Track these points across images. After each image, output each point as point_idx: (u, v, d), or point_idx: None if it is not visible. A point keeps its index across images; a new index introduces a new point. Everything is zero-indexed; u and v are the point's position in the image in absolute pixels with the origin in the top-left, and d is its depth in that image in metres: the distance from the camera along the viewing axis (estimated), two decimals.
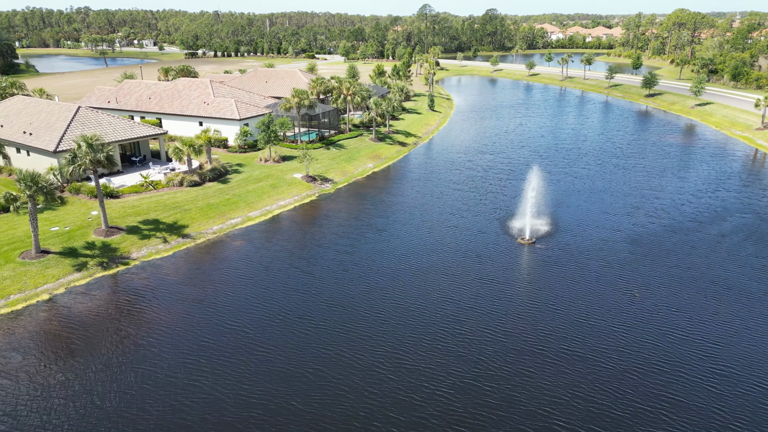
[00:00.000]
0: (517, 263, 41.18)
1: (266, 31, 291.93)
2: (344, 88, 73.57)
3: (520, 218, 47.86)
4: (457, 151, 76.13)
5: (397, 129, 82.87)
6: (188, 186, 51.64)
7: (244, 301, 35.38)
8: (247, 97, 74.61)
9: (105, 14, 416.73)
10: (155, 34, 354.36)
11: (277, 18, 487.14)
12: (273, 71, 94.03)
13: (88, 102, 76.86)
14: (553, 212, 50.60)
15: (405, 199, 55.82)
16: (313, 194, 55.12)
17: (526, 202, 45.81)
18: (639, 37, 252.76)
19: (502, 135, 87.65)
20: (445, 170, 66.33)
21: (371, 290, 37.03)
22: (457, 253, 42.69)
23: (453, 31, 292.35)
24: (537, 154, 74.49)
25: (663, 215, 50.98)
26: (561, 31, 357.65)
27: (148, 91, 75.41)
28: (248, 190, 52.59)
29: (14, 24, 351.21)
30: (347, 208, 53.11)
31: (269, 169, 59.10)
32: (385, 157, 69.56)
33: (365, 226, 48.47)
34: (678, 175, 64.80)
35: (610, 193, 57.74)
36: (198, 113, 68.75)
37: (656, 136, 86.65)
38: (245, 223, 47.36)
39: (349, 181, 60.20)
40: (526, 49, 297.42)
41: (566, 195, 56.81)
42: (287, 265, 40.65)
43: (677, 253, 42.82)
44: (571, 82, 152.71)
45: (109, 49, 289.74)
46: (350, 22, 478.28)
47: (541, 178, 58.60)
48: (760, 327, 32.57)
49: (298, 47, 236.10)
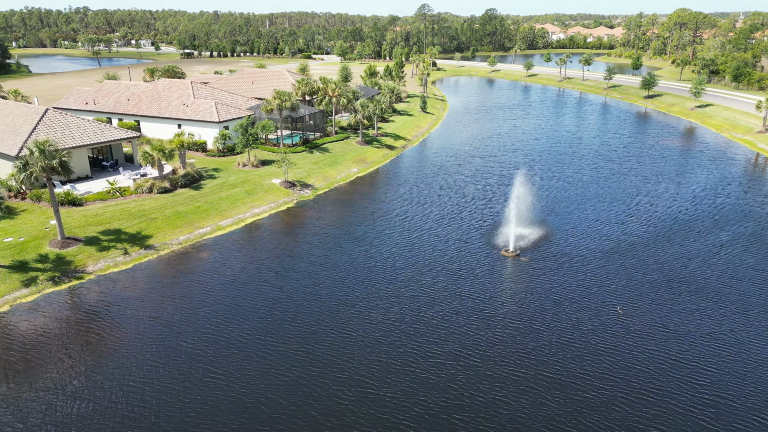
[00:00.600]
0: (498, 278, 38.60)
1: (264, 30, 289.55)
2: (330, 90, 71.07)
3: (505, 227, 45.27)
4: (447, 155, 73.54)
5: (386, 132, 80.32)
6: (158, 193, 49.17)
7: (203, 318, 32.87)
8: (229, 99, 72.17)
9: (104, 14, 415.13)
10: (153, 34, 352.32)
11: (277, 18, 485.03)
12: (260, 72, 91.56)
13: (66, 104, 74.51)
14: (541, 220, 48.00)
15: (388, 205, 53.29)
16: (290, 201, 52.62)
17: (510, 210, 43.19)
18: (640, 38, 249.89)
19: (494, 137, 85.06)
20: (433, 175, 63.78)
21: (341, 307, 34.50)
22: (436, 266, 40.15)
23: (452, 31, 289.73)
24: (529, 158, 71.89)
25: (658, 224, 48.35)
26: (562, 31, 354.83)
27: (127, 92, 73.01)
28: (221, 197, 50.11)
29: (12, 24, 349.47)
30: (325, 215, 50.60)
31: (246, 175, 56.60)
32: (371, 161, 67.03)
33: (343, 235, 45.97)
34: (675, 180, 62.15)
35: (604, 199, 55.12)
36: (177, 115, 66.33)
37: (654, 139, 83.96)
38: (215, 232, 44.86)
39: (330, 187, 57.68)
40: (526, 49, 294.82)
41: (557, 202, 54.20)
42: (255, 278, 38.15)
43: (671, 265, 40.21)
44: (569, 82, 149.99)
45: (105, 50, 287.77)
46: (351, 22, 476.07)
47: (529, 184, 56.10)
48: (760, 350, 29.95)
49: (295, 47, 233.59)
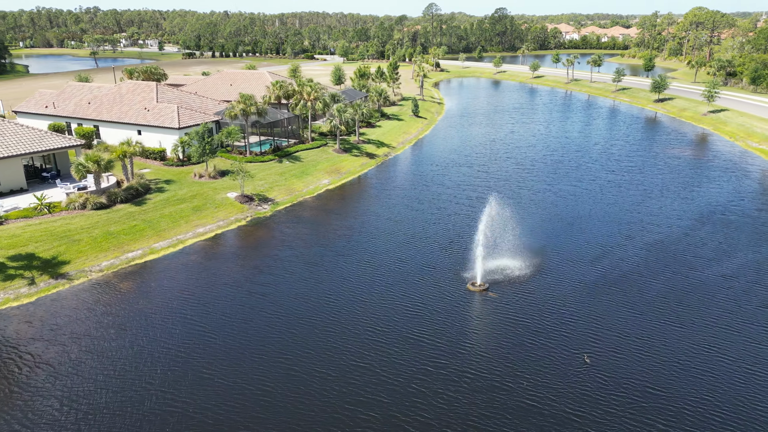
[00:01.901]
0: (458, 319, 32.76)
1: (269, 30, 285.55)
2: (305, 93, 65.65)
3: (476, 254, 39.41)
4: (432, 164, 67.73)
5: (369, 138, 74.71)
6: (92, 209, 44.08)
7: (103, 365, 27.54)
8: (197, 103, 67.09)
9: (113, 14, 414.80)
10: (160, 34, 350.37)
11: (287, 18, 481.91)
12: (239, 73, 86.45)
13: (27, 107, 70.01)
14: (520, 245, 42.00)
15: (354, 222, 47.71)
16: (243, 218, 47.24)
17: (479, 235, 37.32)
18: (655, 38, 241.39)
19: (487, 144, 79.02)
20: (411, 187, 58.05)
21: (266, 355, 28.95)
22: (391, 300, 34.46)
23: (461, 31, 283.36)
24: (521, 168, 65.79)
25: (657, 248, 42.12)
26: (575, 31, 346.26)
27: (89, 95, 68.28)
28: (163, 215, 44.88)
29: (21, 24, 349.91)
30: (281, 235, 45.15)
31: (200, 187, 51.37)
32: (345, 171, 61.46)
33: (295, 259, 40.50)
34: (681, 195, 55.70)
35: (597, 218, 48.97)
36: (136, 120, 61.36)
37: (661, 147, 77.27)
38: (146, 257, 39.60)
39: (293, 201, 52.21)
40: (537, 49, 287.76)
41: (543, 221, 48.15)
42: (177, 314, 32.78)
43: (667, 301, 34.09)
44: (576, 84, 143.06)
45: (110, 50, 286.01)
46: (363, 22, 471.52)
47: (511, 200, 50.22)
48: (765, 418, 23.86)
49: (298, 47, 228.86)
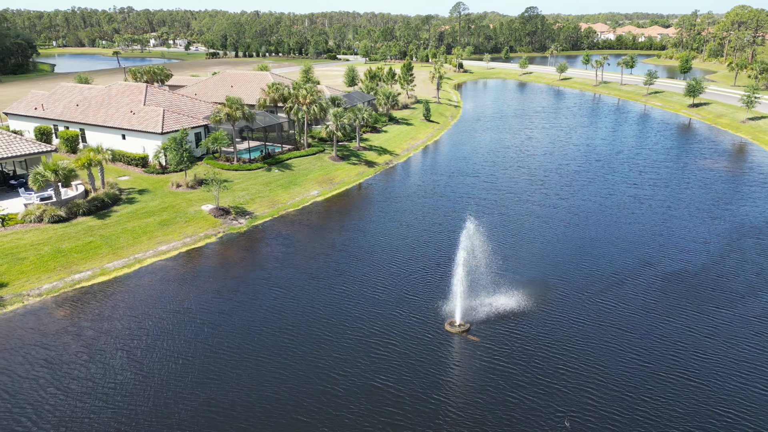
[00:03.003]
0: (430, 366, 27.88)
1: (294, 30, 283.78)
2: (300, 96, 61.50)
3: (459, 287, 34.40)
4: (436, 173, 62.76)
5: (372, 144, 70.15)
6: (50, 222, 40.74)
7: (15, 411, 23.77)
8: (189, 106, 63.65)
9: (145, 14, 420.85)
10: (189, 34, 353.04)
11: (317, 17, 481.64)
12: (241, 74, 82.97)
13: (17, 108, 67.85)
14: (515, 275, 36.87)
15: (336, 240, 43.24)
16: (215, 234, 43.27)
17: (461, 264, 32.29)
18: (694, 38, 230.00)
19: (500, 152, 73.52)
20: (408, 199, 53.26)
21: (205, 403, 24.72)
22: (357, 338, 29.84)
23: (489, 30, 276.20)
24: (533, 179, 60.23)
25: (675, 281, 36.35)
26: (610, 31, 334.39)
27: (79, 96, 65.62)
28: (125, 229, 41.24)
29: (56, 24, 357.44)
30: (252, 254, 41.02)
31: (175, 198, 47.68)
32: (339, 181, 57.04)
33: (262, 282, 36.30)
34: (711, 214, 49.42)
35: (612, 240, 43.28)
36: (120, 124, 58.21)
37: (691, 157, 70.42)
38: (94, 278, 35.92)
39: (274, 215, 48.03)
40: (570, 49, 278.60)
41: (547, 244, 42.75)
42: (114, 347, 28.87)
43: (680, 352, 28.53)
44: (605, 87, 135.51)
45: (138, 49, 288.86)
46: (393, 22, 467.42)
47: (508, 220, 44.95)
48: None
49: (321, 47, 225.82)
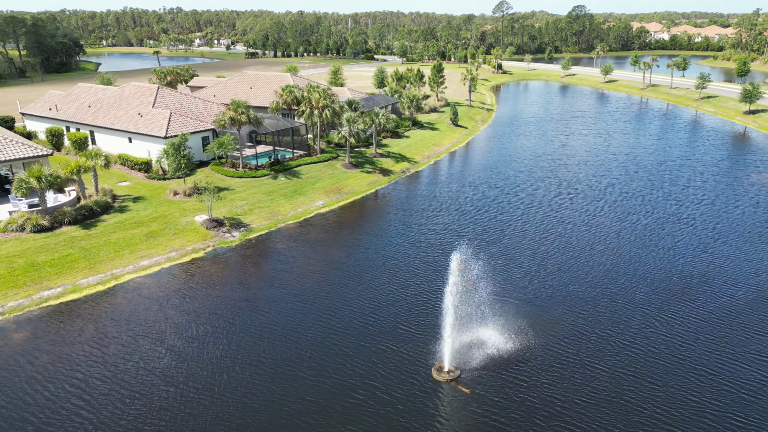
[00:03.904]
0: (411, 421, 23.90)
1: (333, 29, 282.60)
2: (314, 100, 58.26)
3: (459, 317, 30.15)
4: (455, 183, 58.37)
5: (391, 151, 66.27)
6: (32, 231, 38.78)
7: None
8: (200, 108, 61.43)
9: (193, 14, 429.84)
10: (233, 33, 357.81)
11: (360, 17, 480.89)
12: (261, 75, 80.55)
13: (33, 108, 67.37)
14: (521, 313, 32.34)
15: (334, 257, 39.67)
16: (203, 248, 40.39)
17: (454, 297, 28.01)
18: (755, 38, 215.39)
19: (530, 160, 68.36)
20: (419, 212, 49.16)
21: None
22: (336, 379, 26.20)
23: (534, 30, 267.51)
24: (562, 191, 55.05)
25: (721, 321, 31.04)
26: (664, 30, 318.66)
27: (93, 97, 64.49)
28: (108, 241, 38.85)
29: (107, 24, 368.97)
30: (238, 272, 37.92)
31: (169, 207, 45.16)
32: (348, 191, 53.47)
33: (243, 304, 33.16)
34: (764, 238, 43.22)
35: (644, 268, 37.97)
36: (127, 127, 56.46)
37: (744, 171, 63.35)
38: (64, 296, 33.51)
39: (271, 228, 44.85)
40: (619, 50, 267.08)
41: (567, 272, 37.85)
42: (67, 375, 26.22)
43: (729, 416, 23.54)
44: (653, 91, 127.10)
45: (182, 49, 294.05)
46: (437, 21, 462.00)
47: (524, 242, 40.33)
48: None
49: (359, 47, 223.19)
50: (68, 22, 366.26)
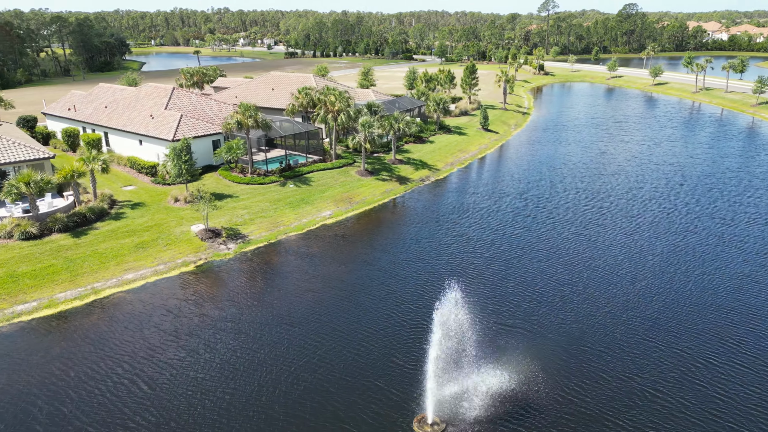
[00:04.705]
0: None
1: (374, 29, 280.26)
2: (329, 103, 55.35)
3: (469, 353, 26.43)
4: (477, 193, 54.32)
5: (411, 157, 62.69)
6: (20, 239, 37.29)
7: None
8: (214, 111, 59.50)
9: (239, 15, 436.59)
10: (276, 33, 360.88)
11: (404, 17, 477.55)
12: (284, 76, 78.36)
13: (54, 108, 67.20)
14: (533, 349, 28.37)
15: (331, 273, 36.56)
16: (194, 261, 37.98)
17: (445, 336, 24.34)
18: None
19: (562, 169, 63.45)
20: (433, 225, 45.46)
21: None
22: (302, 429, 23.14)
23: (582, 30, 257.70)
24: (594, 204, 50.21)
25: (753, 376, 26.25)
26: (723, 30, 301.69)
27: (111, 98, 63.63)
28: (95, 252, 36.92)
29: (156, 24, 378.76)
30: (227, 289, 35.27)
31: (166, 215, 43.08)
32: (360, 200, 50.27)
33: (225, 326, 30.53)
34: None
35: (680, 300, 33.23)
36: (138, 129, 55.04)
37: None
38: (38, 311, 31.57)
39: (270, 240, 42.09)
40: (674, 50, 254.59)
41: (586, 303, 33.45)
42: (18, 405, 24.08)
43: None
44: (706, 95, 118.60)
45: (225, 48, 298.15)
46: (484, 21, 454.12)
47: (541, 265, 36.08)
48: None
49: (397, 47, 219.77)
50: (120, 22, 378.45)
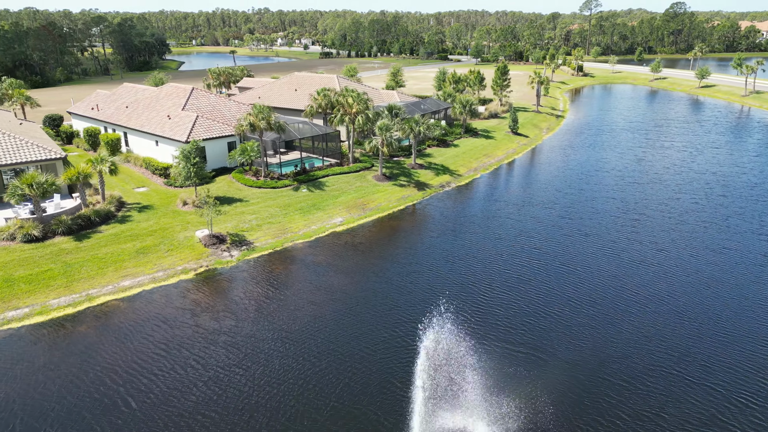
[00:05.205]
0: None
1: (411, 28, 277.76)
2: (347, 105, 53.59)
3: (465, 389, 24.19)
4: (499, 201, 51.57)
5: (433, 161, 60.28)
6: (22, 241, 36.84)
7: None
8: (233, 111, 58.56)
9: (279, 15, 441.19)
10: (314, 33, 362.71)
11: (443, 17, 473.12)
12: (308, 77, 77.02)
13: (78, 108, 67.68)
14: (541, 386, 25.80)
15: (334, 284, 34.70)
16: (194, 269, 36.74)
17: (422, 371, 22.11)
18: None
19: (594, 176, 59.91)
20: (449, 235, 43.06)
21: None
22: None
23: (626, 29, 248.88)
24: (627, 215, 46.78)
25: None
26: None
27: (133, 97, 63.59)
28: (95, 256, 36.11)
29: (198, 24, 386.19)
30: (224, 299, 33.83)
31: (172, 219, 42.09)
32: (374, 206, 48.27)
33: (216, 339, 29.09)
34: None
35: (717, 334, 29.98)
36: (154, 130, 54.52)
37: None
38: (29, 318, 30.78)
39: (276, 247, 40.53)
40: (724, 51, 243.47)
41: (615, 332, 30.51)
42: None
43: None
44: (757, 98, 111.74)
45: (263, 48, 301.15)
46: (524, 21, 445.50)
47: (554, 290, 33.25)
48: None
49: (431, 48, 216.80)
50: (164, 22, 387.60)
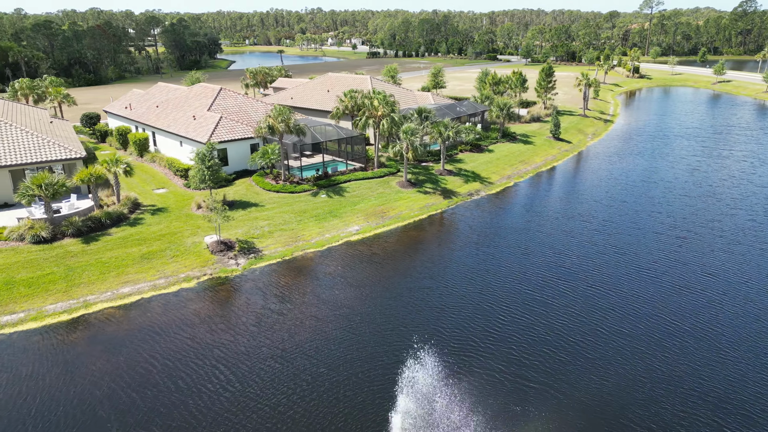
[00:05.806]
0: None
1: (461, 27, 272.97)
2: (373, 108, 51.43)
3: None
4: (532, 212, 48.13)
5: (463, 168, 57.24)
6: (31, 242, 36.60)
7: None
8: (258, 113, 57.46)
9: (331, 15, 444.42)
10: (364, 33, 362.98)
11: (497, 16, 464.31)
12: (341, 78, 75.28)
13: (113, 107, 68.49)
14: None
15: (340, 300, 32.64)
16: (198, 276, 35.45)
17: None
18: None
19: (639, 186, 55.38)
20: (471, 249, 40.16)
21: None
22: None
23: (690, 29, 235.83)
24: (672, 234, 42.51)
25: None
26: None
27: (164, 97, 63.68)
28: (99, 260, 35.36)
29: (252, 24, 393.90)
30: (222, 312, 32.30)
31: (184, 223, 41.07)
32: (394, 215, 45.87)
33: (208, 353, 27.55)
34: None
35: (760, 395, 26.12)
36: (178, 130, 54.06)
37: None
38: (22, 324, 30.13)
39: (285, 256, 38.79)
40: None
41: (651, 372, 27.05)
42: None
43: None
44: None
45: (312, 48, 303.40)
46: (582, 19, 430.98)
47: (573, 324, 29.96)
48: None
49: (481, 48, 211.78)
50: (220, 22, 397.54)
